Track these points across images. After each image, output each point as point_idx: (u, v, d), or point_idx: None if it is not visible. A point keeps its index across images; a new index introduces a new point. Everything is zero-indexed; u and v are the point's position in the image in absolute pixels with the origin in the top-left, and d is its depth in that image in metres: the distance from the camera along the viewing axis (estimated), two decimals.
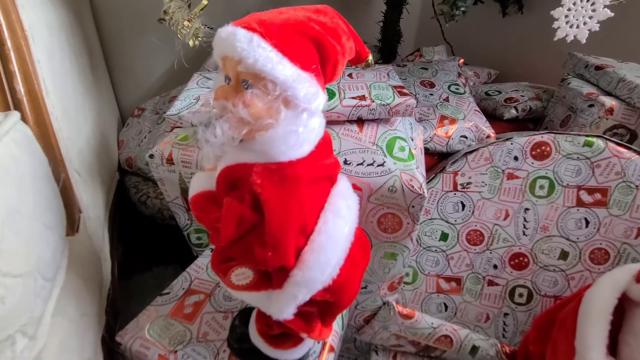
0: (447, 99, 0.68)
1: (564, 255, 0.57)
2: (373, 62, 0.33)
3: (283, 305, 0.27)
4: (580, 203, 0.55)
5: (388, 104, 0.42)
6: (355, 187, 0.40)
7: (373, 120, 0.44)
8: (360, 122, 0.44)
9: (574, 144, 0.54)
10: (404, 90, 0.44)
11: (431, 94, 0.70)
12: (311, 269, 0.26)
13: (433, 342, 0.49)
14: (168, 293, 0.43)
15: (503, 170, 0.57)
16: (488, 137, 0.64)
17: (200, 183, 0.30)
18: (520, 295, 0.59)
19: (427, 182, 0.61)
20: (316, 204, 0.28)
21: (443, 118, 0.64)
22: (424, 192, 0.39)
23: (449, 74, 0.75)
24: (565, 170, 0.55)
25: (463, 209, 0.59)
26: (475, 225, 0.59)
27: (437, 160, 0.66)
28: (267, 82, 0.24)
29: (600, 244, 0.55)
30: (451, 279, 0.61)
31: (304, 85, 0.24)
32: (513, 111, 0.76)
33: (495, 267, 0.59)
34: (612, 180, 0.54)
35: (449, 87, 0.71)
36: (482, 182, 0.58)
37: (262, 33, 0.23)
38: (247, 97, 0.24)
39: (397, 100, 0.42)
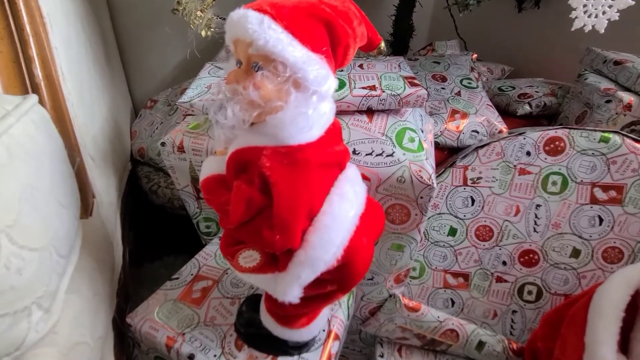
0: (459, 93, 0.67)
1: (575, 253, 0.56)
2: (386, 49, 0.33)
3: (287, 286, 0.27)
4: (594, 200, 0.54)
5: (398, 95, 0.41)
6: (364, 177, 0.41)
7: (383, 111, 0.44)
8: (370, 112, 0.43)
9: (589, 140, 0.53)
10: (415, 81, 0.44)
11: (443, 88, 0.69)
12: (314, 248, 0.26)
13: (439, 336, 0.49)
14: (177, 278, 0.44)
15: (515, 166, 0.57)
16: (500, 132, 0.63)
17: (211, 167, 0.31)
18: (530, 292, 0.58)
19: (437, 177, 0.60)
20: (325, 189, 0.28)
21: (454, 112, 0.64)
22: (432, 183, 0.39)
23: (461, 68, 0.74)
24: (580, 166, 0.54)
25: (473, 204, 0.59)
26: (485, 221, 0.58)
27: (448, 154, 0.66)
28: (277, 64, 0.24)
29: (614, 242, 0.54)
30: (459, 274, 0.60)
31: (314, 68, 0.24)
32: (527, 107, 0.75)
33: (504, 263, 0.59)
34: (629, 178, 0.52)
35: (461, 81, 0.70)
36: (493, 177, 0.58)
37: (273, 15, 0.23)
38: (258, 79, 0.24)
39: (408, 91, 0.42)
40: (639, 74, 0.60)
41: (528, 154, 0.56)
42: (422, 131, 0.46)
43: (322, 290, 0.29)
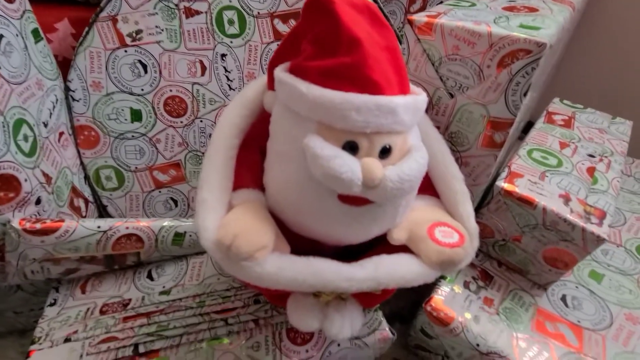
0: None
1: None
2: None
3: None
4: (278, 36, 0.46)
5: None
6: None
7: None
8: None
9: None
10: None
11: None
12: None
13: (113, 250, 0.36)
14: None
15: (177, 5, 0.42)
16: None
17: None
18: None
19: (81, 42, 0.41)
20: None
21: None
22: None
23: None
24: None
25: (146, 71, 0.43)
26: (171, 90, 0.45)
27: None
28: None
29: None
30: (168, 167, 0.48)
31: None
32: None
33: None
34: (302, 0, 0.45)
35: None
36: (156, 26, 0.42)
37: None
38: None
39: None
40: None
41: None
42: None
43: None
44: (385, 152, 0.22)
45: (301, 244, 0.25)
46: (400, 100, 0.21)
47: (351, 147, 0.21)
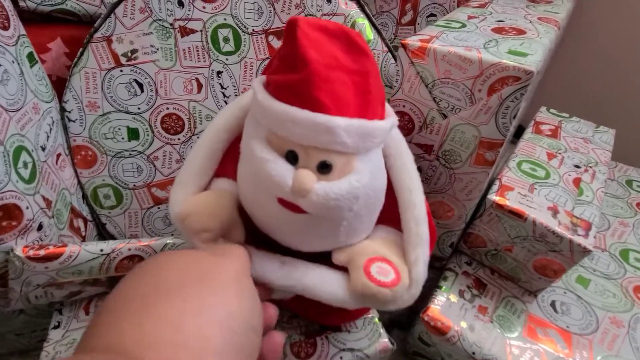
0: None
1: None
2: None
3: None
4: (272, 52, 0.46)
5: None
6: None
7: None
8: None
9: None
10: None
11: None
12: None
13: (117, 272, 0.37)
14: None
15: (172, 24, 0.42)
16: None
17: None
18: None
19: (75, 63, 0.41)
20: None
21: None
22: None
23: None
24: (245, 11, 0.43)
25: (142, 90, 0.43)
26: (168, 108, 0.45)
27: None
28: None
29: None
30: (166, 183, 0.48)
31: None
32: None
33: None
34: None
35: None
36: (151, 45, 0.42)
37: None
38: None
39: None
40: None
41: (180, 4, 0.41)
42: None
43: None
44: (324, 168, 0.22)
45: (268, 238, 0.26)
46: (341, 122, 0.21)
47: (293, 157, 0.22)
